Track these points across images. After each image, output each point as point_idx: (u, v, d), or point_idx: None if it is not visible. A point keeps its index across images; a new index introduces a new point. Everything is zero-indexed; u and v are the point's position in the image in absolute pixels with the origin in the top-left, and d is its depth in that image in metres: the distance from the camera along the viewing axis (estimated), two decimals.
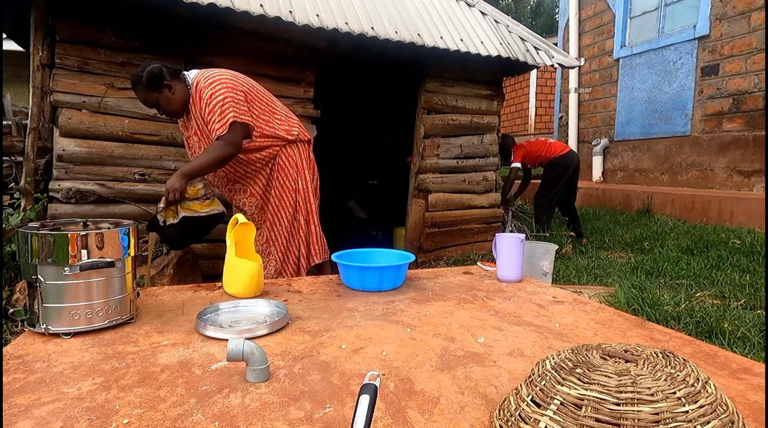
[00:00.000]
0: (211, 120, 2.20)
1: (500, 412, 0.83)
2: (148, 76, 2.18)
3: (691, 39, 5.80)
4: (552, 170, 4.80)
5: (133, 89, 2.27)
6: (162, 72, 2.20)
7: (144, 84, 2.20)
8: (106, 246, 1.26)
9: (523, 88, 10.81)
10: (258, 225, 2.54)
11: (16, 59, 5.58)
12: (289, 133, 2.47)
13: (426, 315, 1.45)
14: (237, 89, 2.25)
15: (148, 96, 2.24)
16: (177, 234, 2.22)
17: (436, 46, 3.68)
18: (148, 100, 2.26)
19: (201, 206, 2.22)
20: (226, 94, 2.20)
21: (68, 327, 1.23)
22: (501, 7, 18.85)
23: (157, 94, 2.24)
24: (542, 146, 4.83)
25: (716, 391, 0.73)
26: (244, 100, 2.27)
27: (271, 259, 2.55)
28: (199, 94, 2.23)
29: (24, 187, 2.84)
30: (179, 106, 2.29)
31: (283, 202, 2.52)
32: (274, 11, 3.06)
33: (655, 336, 1.32)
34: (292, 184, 2.51)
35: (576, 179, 4.83)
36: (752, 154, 5.21)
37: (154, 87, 2.21)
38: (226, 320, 1.38)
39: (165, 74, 2.21)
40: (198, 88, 2.23)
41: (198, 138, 2.36)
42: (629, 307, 2.60)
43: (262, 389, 0.97)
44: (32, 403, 0.90)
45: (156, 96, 2.24)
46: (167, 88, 2.23)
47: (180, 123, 2.47)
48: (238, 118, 2.20)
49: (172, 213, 2.16)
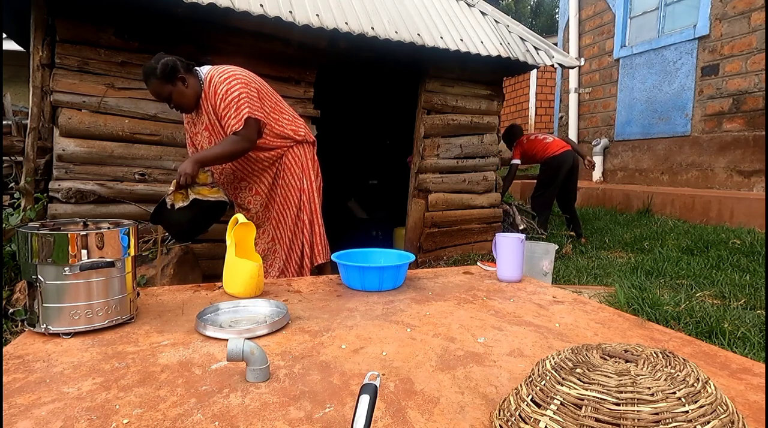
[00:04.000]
0: (226, 115, 2.20)
1: (500, 412, 0.83)
2: (162, 68, 2.15)
3: (691, 39, 5.80)
4: (546, 170, 4.81)
5: (146, 81, 2.22)
6: (176, 65, 2.18)
7: (158, 76, 2.16)
8: (106, 246, 1.26)
9: (523, 88, 10.80)
10: (261, 223, 2.54)
11: (16, 59, 5.59)
12: (296, 134, 2.49)
13: (426, 315, 1.45)
14: (251, 85, 2.26)
15: (161, 88, 2.20)
16: (185, 220, 2.20)
17: (436, 46, 3.68)
18: (161, 92, 2.21)
19: (209, 192, 2.23)
20: (241, 89, 2.21)
21: (68, 327, 1.23)
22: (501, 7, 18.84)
23: (171, 87, 2.20)
24: (539, 145, 4.82)
25: (716, 391, 0.73)
26: (257, 97, 2.28)
27: (276, 257, 2.56)
28: (214, 89, 2.22)
29: (24, 187, 2.84)
30: (192, 100, 2.27)
31: (288, 201, 2.53)
32: (274, 11, 3.06)
33: (655, 336, 1.32)
34: (297, 183, 2.52)
35: (574, 179, 4.82)
36: (752, 154, 5.21)
37: (168, 79, 2.18)
38: (226, 320, 1.38)
39: (179, 67, 2.19)
40: (212, 84, 2.23)
41: (209, 133, 2.35)
42: (629, 307, 2.60)
43: (262, 389, 0.97)
44: (32, 403, 0.90)
45: (169, 89, 2.20)
46: (181, 81, 2.21)
47: (186, 119, 2.46)
48: (252, 113, 2.21)
49: (181, 196, 2.15)
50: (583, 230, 4.95)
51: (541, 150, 4.79)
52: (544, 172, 4.83)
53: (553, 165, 4.71)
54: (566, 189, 4.79)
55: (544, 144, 4.80)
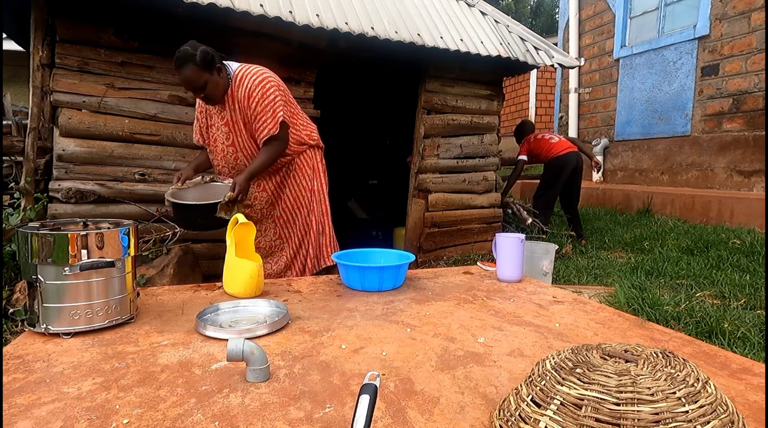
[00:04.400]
0: (262, 119, 2.20)
1: (500, 412, 0.83)
2: (203, 55, 2.07)
3: (691, 39, 5.80)
4: (549, 170, 4.80)
5: (181, 67, 2.09)
6: (215, 54, 2.12)
7: (197, 62, 2.06)
8: (106, 246, 1.26)
9: (523, 88, 10.81)
10: (264, 219, 2.54)
11: (16, 59, 5.58)
12: (310, 138, 2.50)
13: (426, 315, 1.45)
14: (281, 88, 2.27)
15: (198, 76, 2.09)
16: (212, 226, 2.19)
17: (436, 46, 3.68)
18: (196, 80, 2.10)
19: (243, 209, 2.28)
20: (276, 93, 2.21)
21: (68, 327, 1.23)
22: (501, 7, 18.85)
23: (208, 76, 2.12)
24: (544, 145, 4.81)
25: (716, 391, 0.73)
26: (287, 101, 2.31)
27: (282, 255, 2.55)
28: (247, 91, 2.19)
29: (24, 187, 2.84)
30: (222, 93, 2.21)
31: (299, 201, 2.52)
32: (274, 11, 3.06)
33: (655, 336, 1.32)
34: (308, 184, 2.52)
35: (577, 180, 4.79)
36: (752, 154, 5.21)
37: (206, 67, 2.09)
38: (226, 320, 1.38)
39: (216, 57, 2.13)
40: (244, 84, 2.19)
41: (228, 129, 2.30)
42: (629, 307, 2.60)
43: (262, 389, 0.97)
44: (32, 403, 0.90)
45: (206, 77, 2.11)
46: (217, 72, 2.15)
47: (201, 109, 2.38)
48: (285, 117, 2.24)
49: (226, 209, 2.15)
50: (584, 230, 4.95)
51: (545, 150, 4.77)
52: (548, 172, 4.82)
53: (556, 165, 4.70)
54: (570, 189, 4.78)
55: (550, 144, 4.78)
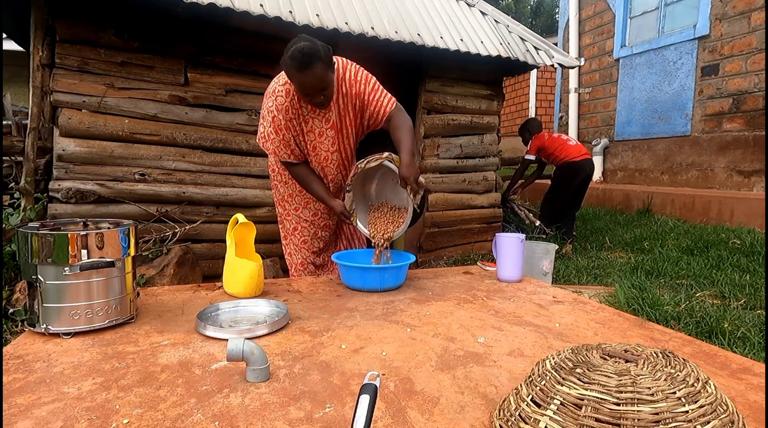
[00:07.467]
0: (376, 99, 2.01)
1: (500, 412, 0.83)
2: (326, 51, 1.76)
3: (691, 39, 5.80)
4: (561, 174, 4.65)
5: (305, 66, 1.72)
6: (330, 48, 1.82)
7: (324, 60, 1.75)
8: (106, 246, 1.26)
9: (523, 88, 10.81)
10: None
11: (16, 59, 5.58)
12: None
13: (426, 315, 1.45)
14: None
15: (326, 75, 1.79)
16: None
17: (436, 46, 3.68)
18: (324, 79, 1.78)
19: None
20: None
21: (68, 327, 1.23)
22: (501, 7, 18.84)
23: (332, 75, 1.85)
24: (559, 145, 4.63)
25: (716, 391, 0.73)
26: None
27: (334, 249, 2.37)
28: (353, 76, 1.97)
29: (24, 187, 2.84)
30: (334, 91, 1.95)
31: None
32: (274, 11, 3.06)
33: (655, 336, 1.32)
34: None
35: (585, 186, 4.68)
36: (752, 154, 5.21)
37: (330, 64, 1.81)
38: (226, 320, 1.38)
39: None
40: (349, 72, 1.97)
41: (335, 131, 2.03)
42: (629, 307, 2.60)
43: (262, 389, 0.97)
44: (32, 403, 0.90)
45: (331, 77, 1.83)
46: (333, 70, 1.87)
47: (291, 121, 1.96)
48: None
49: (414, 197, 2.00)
50: (584, 230, 4.92)
51: (560, 151, 4.61)
52: (559, 177, 4.68)
53: (570, 172, 4.56)
54: (577, 195, 4.70)
55: (567, 146, 4.61)
